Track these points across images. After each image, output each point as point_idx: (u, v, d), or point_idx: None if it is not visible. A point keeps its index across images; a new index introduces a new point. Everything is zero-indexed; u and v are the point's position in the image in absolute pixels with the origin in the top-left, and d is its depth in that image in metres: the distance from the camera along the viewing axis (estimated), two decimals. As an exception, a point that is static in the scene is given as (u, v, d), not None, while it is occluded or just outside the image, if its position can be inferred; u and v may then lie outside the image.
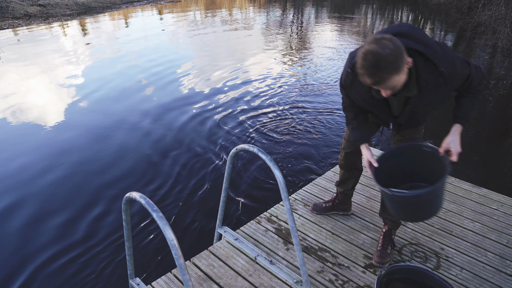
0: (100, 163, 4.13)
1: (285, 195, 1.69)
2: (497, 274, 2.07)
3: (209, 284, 2.01)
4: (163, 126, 5.11)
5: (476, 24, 10.20)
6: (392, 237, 2.19)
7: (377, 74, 1.35)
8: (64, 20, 15.60)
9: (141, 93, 6.55)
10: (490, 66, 8.31)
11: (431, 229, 2.43)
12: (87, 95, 6.49)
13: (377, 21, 16.41)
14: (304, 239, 2.34)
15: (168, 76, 7.60)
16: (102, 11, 18.87)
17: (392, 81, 1.39)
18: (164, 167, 4.04)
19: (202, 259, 2.18)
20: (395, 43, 1.34)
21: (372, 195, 2.79)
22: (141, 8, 20.30)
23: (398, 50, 1.34)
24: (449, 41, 11.73)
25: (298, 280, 1.98)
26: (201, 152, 4.38)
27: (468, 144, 4.70)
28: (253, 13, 19.55)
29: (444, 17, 16.96)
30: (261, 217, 2.56)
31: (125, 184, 3.72)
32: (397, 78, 1.39)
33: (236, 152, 1.91)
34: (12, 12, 16.08)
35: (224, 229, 2.32)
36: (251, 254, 2.17)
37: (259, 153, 1.73)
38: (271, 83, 7.00)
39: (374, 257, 2.14)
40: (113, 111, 5.69)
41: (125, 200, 1.52)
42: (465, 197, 2.76)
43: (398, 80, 1.41)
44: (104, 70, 8.24)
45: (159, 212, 1.32)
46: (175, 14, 18.51)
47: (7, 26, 13.94)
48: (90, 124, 5.19)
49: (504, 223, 2.48)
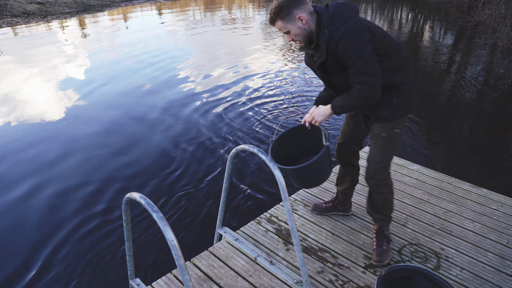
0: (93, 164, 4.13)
1: (285, 196, 1.69)
2: (497, 274, 2.07)
3: (209, 285, 2.00)
4: (162, 124, 5.10)
5: (476, 23, 10.19)
6: (385, 233, 2.17)
7: (269, 14, 1.70)
8: (63, 18, 15.56)
9: (142, 89, 6.58)
10: (490, 65, 8.30)
11: (431, 229, 2.43)
12: (94, 89, 6.71)
13: (376, 19, 16.39)
14: (304, 240, 2.34)
15: (169, 72, 7.69)
16: (101, 9, 18.82)
17: (279, 24, 1.68)
18: (164, 167, 4.03)
19: (202, 259, 2.18)
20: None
21: (372, 195, 2.79)
22: (140, 6, 20.25)
23: (286, 2, 1.62)
24: (449, 40, 11.72)
25: (298, 281, 1.98)
26: (201, 151, 4.37)
27: (468, 144, 4.71)
28: (253, 11, 19.51)
29: (443, 16, 16.95)
30: (261, 217, 2.56)
31: (125, 184, 3.71)
32: (282, 23, 1.67)
33: (236, 153, 1.90)
34: (11, 10, 16.03)
35: (224, 229, 2.32)
36: (251, 255, 2.17)
37: (259, 154, 1.73)
38: (271, 78, 7.06)
39: (373, 256, 2.14)
40: (116, 108, 5.69)
41: (125, 200, 1.52)
42: (465, 198, 2.76)
43: (285, 26, 1.67)
44: (106, 66, 8.39)
45: (159, 213, 1.31)
46: (174, 12, 18.46)
47: (6, 24, 13.89)
48: (97, 115, 5.39)
49: (504, 223, 2.48)
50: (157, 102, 5.98)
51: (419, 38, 12.12)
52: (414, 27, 14.56)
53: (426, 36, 12.48)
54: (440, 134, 4.91)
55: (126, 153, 4.34)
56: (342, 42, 1.57)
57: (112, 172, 3.93)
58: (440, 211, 2.61)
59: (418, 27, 14.71)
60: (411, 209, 2.63)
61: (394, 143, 1.93)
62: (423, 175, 3.06)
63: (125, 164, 4.09)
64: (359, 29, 1.56)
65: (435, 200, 2.73)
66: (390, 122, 1.85)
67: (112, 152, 4.38)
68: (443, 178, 3.02)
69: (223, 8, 20.99)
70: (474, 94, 6.60)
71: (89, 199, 3.49)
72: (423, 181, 2.98)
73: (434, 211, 2.60)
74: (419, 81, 7.25)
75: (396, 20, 16.70)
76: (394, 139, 1.91)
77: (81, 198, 3.50)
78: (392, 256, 2.20)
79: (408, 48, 10.44)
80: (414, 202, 2.71)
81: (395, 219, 2.52)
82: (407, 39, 11.91)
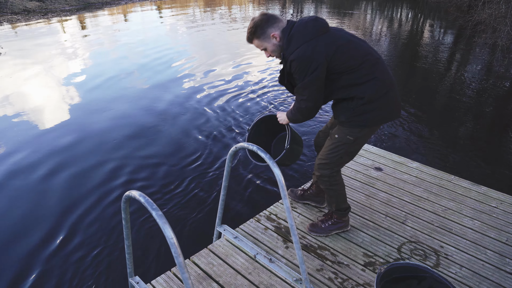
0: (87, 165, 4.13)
1: (284, 194, 1.69)
2: (497, 272, 2.07)
3: (209, 283, 2.00)
4: (159, 120, 5.09)
5: (476, 23, 10.19)
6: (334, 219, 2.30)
7: (246, 33, 1.87)
8: (64, 16, 15.53)
9: (145, 83, 6.59)
10: (490, 64, 8.30)
11: (431, 227, 2.43)
12: (101, 83, 6.89)
13: (376, 18, 16.37)
14: (303, 237, 2.34)
15: (171, 66, 7.77)
16: (101, 6, 18.79)
17: (256, 43, 1.86)
18: (163, 164, 4.03)
19: (201, 257, 2.18)
20: (262, 18, 1.80)
21: (372, 193, 2.79)
22: (140, 5, 20.21)
23: (260, 22, 1.79)
24: (449, 39, 11.71)
25: (298, 278, 1.98)
26: (201, 149, 4.36)
27: (467, 142, 4.71)
28: (253, 9, 19.47)
29: (443, 15, 16.93)
30: (260, 215, 2.56)
31: (124, 182, 3.71)
32: (258, 42, 1.85)
33: (235, 151, 1.90)
34: (11, 7, 16.00)
35: (223, 227, 2.32)
36: (250, 253, 2.17)
37: (258, 151, 1.72)
38: (272, 74, 7.03)
39: (307, 225, 2.38)
40: (117, 104, 5.69)
41: (124, 198, 1.51)
42: (465, 195, 2.76)
43: (261, 44, 1.85)
44: (111, 62, 8.53)
45: (159, 211, 1.31)
46: (174, 10, 18.42)
47: (6, 21, 13.86)
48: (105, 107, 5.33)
49: (503, 221, 2.48)
50: (159, 96, 5.99)
51: (419, 37, 12.11)
52: (414, 26, 14.55)
53: (426, 35, 12.47)
54: (440, 132, 4.91)
55: (123, 147, 4.34)
56: (292, 65, 1.77)
57: (105, 174, 3.92)
58: (440, 208, 2.61)
59: (418, 26, 14.70)
60: (410, 206, 2.63)
61: (345, 149, 1.99)
62: (422, 173, 3.06)
63: (122, 157, 4.09)
64: (306, 58, 1.71)
65: (435, 197, 2.73)
66: (346, 128, 1.94)
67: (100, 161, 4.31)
68: (443, 175, 3.02)
69: (223, 7, 20.95)
70: (474, 93, 6.60)
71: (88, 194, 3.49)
72: (423, 179, 2.98)
73: (433, 209, 2.60)
74: (418, 80, 7.26)
75: (396, 19, 16.69)
76: (346, 145, 1.97)
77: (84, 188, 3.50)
78: (391, 253, 2.20)
79: (407, 47, 10.43)
80: (413, 199, 2.71)
81: (394, 216, 2.52)
82: (406, 38, 11.90)
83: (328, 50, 1.71)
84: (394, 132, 4.86)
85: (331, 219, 2.32)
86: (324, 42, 1.72)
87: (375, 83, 1.80)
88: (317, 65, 1.71)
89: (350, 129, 1.93)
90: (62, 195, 3.51)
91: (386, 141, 4.61)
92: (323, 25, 1.76)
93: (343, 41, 1.75)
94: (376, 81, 1.80)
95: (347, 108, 1.87)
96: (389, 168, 3.15)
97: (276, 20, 1.80)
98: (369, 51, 1.82)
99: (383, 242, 2.29)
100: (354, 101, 1.84)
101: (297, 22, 1.79)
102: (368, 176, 3.02)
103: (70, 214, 3.24)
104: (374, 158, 3.32)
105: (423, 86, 6.84)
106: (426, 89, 6.62)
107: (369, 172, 3.09)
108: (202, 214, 3.22)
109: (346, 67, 1.76)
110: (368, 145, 3.59)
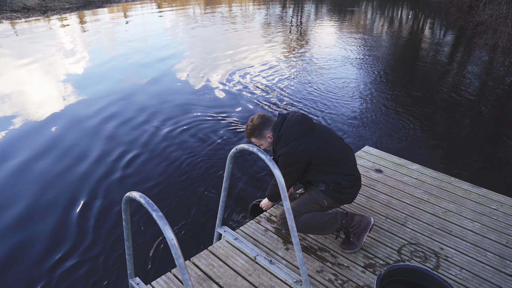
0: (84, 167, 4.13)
1: (284, 195, 1.68)
2: (497, 274, 2.07)
3: (209, 284, 2.00)
4: (159, 120, 5.09)
5: (477, 23, 10.19)
6: (351, 239, 2.26)
7: (246, 131, 2.25)
8: (64, 14, 15.50)
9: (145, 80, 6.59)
10: (490, 65, 8.30)
11: (431, 229, 2.43)
12: (105, 79, 6.84)
13: (376, 18, 16.35)
14: (303, 239, 2.34)
15: (170, 67, 7.67)
16: (102, 5, 18.76)
17: (254, 140, 2.23)
18: (163, 165, 4.02)
19: (201, 258, 2.18)
20: (259, 121, 2.16)
21: (372, 195, 2.79)
22: (140, 3, 20.18)
23: (258, 126, 2.16)
24: (449, 40, 11.71)
25: (298, 280, 1.97)
26: (201, 151, 4.36)
27: (467, 144, 4.71)
28: (253, 9, 19.45)
29: (444, 16, 16.92)
30: (260, 217, 2.56)
31: (124, 182, 3.71)
32: (256, 140, 2.22)
33: (235, 152, 1.90)
34: (10, 5, 15.96)
35: (223, 228, 2.32)
36: (250, 254, 2.17)
37: (258, 153, 1.72)
38: (273, 73, 7.02)
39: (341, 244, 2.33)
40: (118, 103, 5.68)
41: (124, 199, 1.51)
42: (465, 197, 2.76)
43: (258, 142, 2.23)
44: (113, 59, 8.52)
45: (159, 212, 1.31)
46: (174, 9, 18.40)
47: (6, 19, 13.83)
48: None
49: (503, 223, 2.49)
50: (159, 96, 5.98)
51: (419, 37, 12.10)
52: (415, 27, 14.55)
53: (426, 35, 12.47)
54: (440, 133, 4.91)
55: (118, 146, 4.34)
56: (280, 159, 2.14)
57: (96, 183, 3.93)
58: (440, 210, 2.61)
59: (418, 26, 14.69)
60: (411, 208, 2.63)
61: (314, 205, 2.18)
62: (422, 175, 3.06)
63: (120, 156, 4.09)
64: (290, 155, 2.07)
65: (435, 199, 2.73)
66: (323, 194, 2.17)
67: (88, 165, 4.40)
68: (443, 177, 3.02)
69: (224, 6, 20.92)
70: (474, 94, 6.60)
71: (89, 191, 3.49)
72: (423, 181, 2.98)
73: (433, 211, 2.60)
74: (419, 82, 7.26)
75: (397, 19, 16.68)
76: (317, 203, 2.17)
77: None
78: (392, 255, 2.20)
79: (408, 48, 10.43)
80: (413, 201, 2.71)
81: (395, 218, 2.52)
82: (407, 38, 11.90)
83: (309, 150, 2.07)
84: (394, 134, 4.86)
85: (345, 234, 2.26)
86: (306, 143, 2.07)
87: (348, 178, 2.15)
88: (299, 160, 2.08)
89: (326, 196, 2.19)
90: (62, 195, 3.51)
91: (386, 143, 4.61)
92: (308, 125, 2.10)
93: (323, 141, 2.11)
94: (349, 178, 2.15)
95: (325, 182, 2.18)
96: (389, 170, 3.15)
97: (271, 122, 2.18)
98: (344, 149, 2.18)
99: (383, 244, 2.29)
100: (329, 181, 2.16)
101: (286, 121, 2.14)
102: (369, 178, 3.02)
103: (70, 214, 3.24)
104: (375, 160, 3.32)
105: (423, 87, 6.83)
106: (426, 90, 6.62)
107: (370, 174, 3.09)
108: (202, 215, 3.22)
109: (322, 163, 2.12)
110: (368, 147, 3.59)
